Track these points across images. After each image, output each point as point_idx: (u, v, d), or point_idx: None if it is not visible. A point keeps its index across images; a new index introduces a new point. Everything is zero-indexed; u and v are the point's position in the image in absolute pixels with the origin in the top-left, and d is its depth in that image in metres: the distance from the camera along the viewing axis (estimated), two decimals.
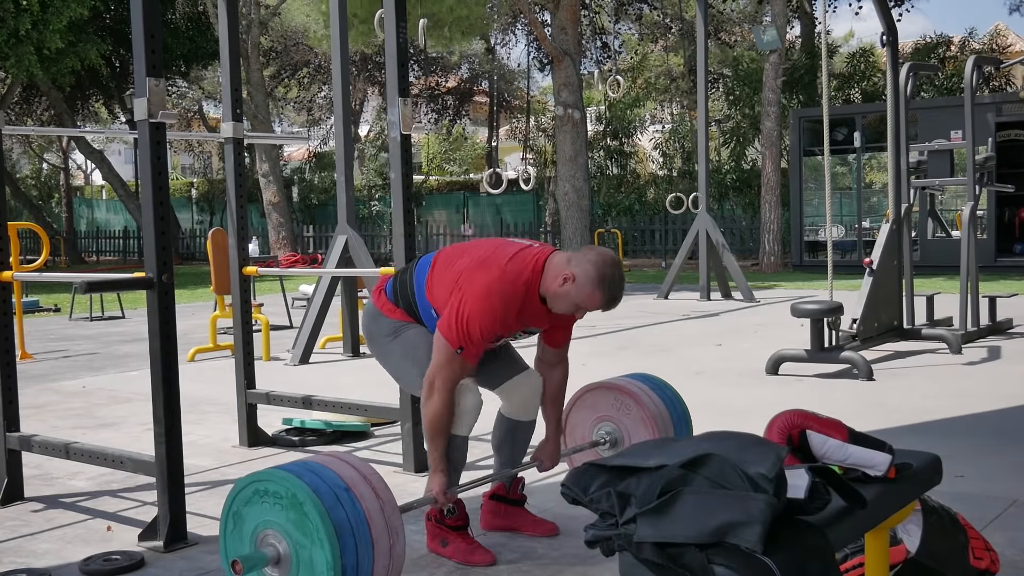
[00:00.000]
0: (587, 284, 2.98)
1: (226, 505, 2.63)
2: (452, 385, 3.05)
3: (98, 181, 39.23)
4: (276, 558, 2.53)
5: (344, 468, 2.60)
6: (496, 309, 3.00)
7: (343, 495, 2.49)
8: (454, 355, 3.01)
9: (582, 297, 3.00)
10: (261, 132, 20.54)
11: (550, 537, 3.37)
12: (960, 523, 2.69)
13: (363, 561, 2.47)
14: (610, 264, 3.01)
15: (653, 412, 3.53)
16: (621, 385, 3.61)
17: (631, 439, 3.54)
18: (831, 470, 2.11)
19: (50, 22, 16.97)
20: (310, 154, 31.10)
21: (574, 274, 2.99)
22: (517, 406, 3.35)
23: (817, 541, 1.92)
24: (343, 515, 2.46)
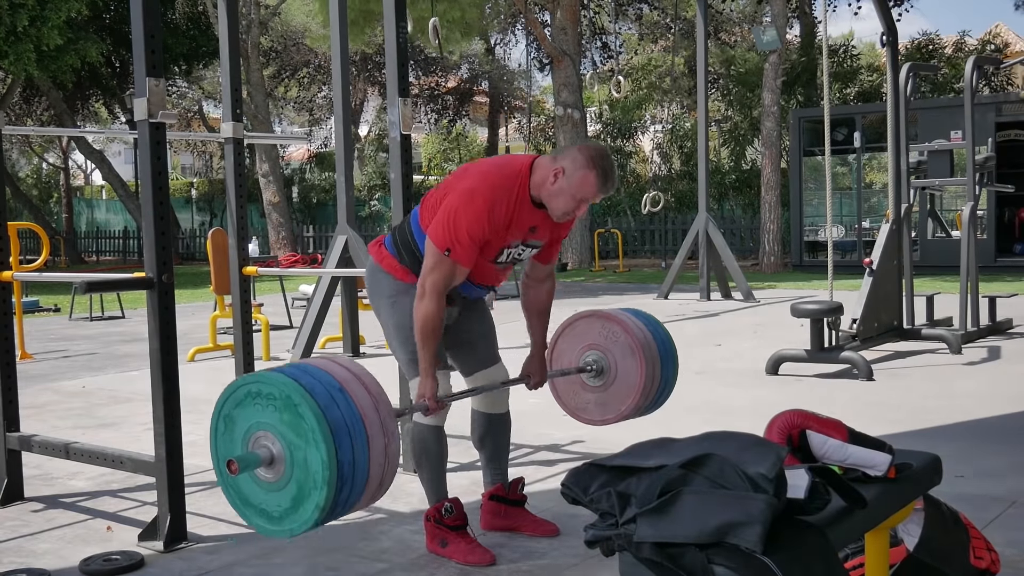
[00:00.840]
0: (577, 169, 3.00)
1: (216, 408, 2.59)
2: (443, 288, 3.04)
3: (98, 181, 39.25)
4: (269, 459, 2.48)
5: (337, 369, 2.57)
6: (483, 206, 2.99)
7: (337, 395, 2.46)
8: (443, 258, 3.00)
9: (576, 184, 3.01)
10: (261, 132, 20.55)
11: (550, 537, 3.37)
12: (962, 522, 2.69)
13: (359, 460, 2.43)
14: (595, 147, 3.06)
15: (640, 340, 3.51)
16: (609, 313, 3.60)
17: (618, 367, 3.53)
18: (831, 470, 2.11)
19: (48, 18, 16.95)
20: (310, 154, 31.11)
21: (562, 166, 3.02)
22: (489, 401, 3.38)
23: (817, 541, 1.92)
24: (338, 414, 2.42)
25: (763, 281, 14.92)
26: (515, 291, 12.34)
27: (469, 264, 3.06)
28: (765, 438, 2.20)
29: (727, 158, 23.94)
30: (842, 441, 2.30)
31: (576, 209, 3.08)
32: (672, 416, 5.35)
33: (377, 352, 8.32)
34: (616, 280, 16.44)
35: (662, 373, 3.54)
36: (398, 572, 3.13)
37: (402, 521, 3.63)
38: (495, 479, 3.45)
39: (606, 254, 21.31)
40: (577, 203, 3.05)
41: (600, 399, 3.59)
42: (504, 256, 3.18)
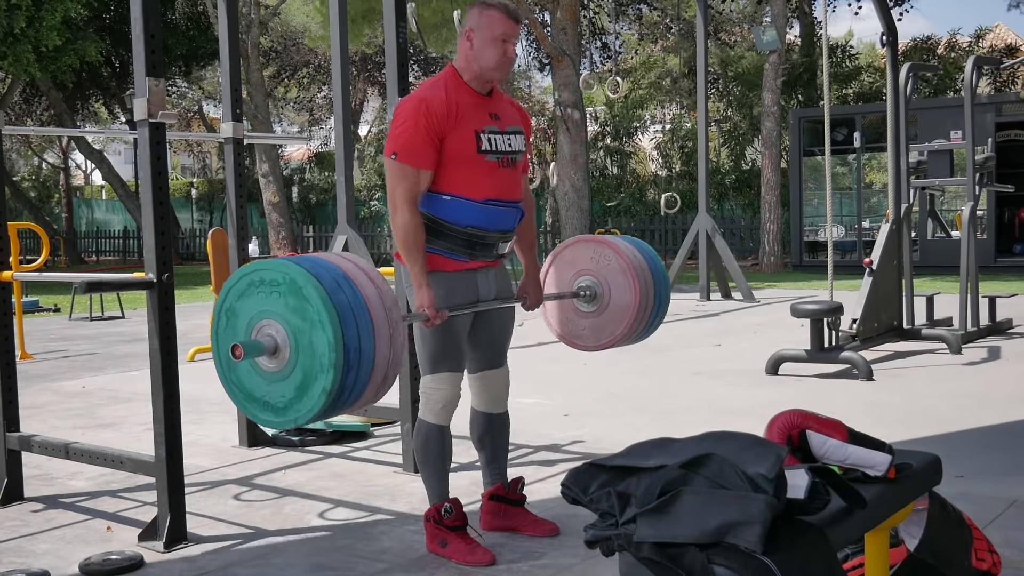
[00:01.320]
0: (479, 17, 3.12)
1: (218, 304, 2.56)
2: (411, 196, 3.06)
3: (98, 181, 39.23)
4: (273, 347, 2.46)
5: (341, 261, 2.56)
6: (416, 104, 3.06)
7: (343, 282, 2.45)
8: (395, 165, 3.05)
9: (487, 27, 3.10)
10: (261, 132, 20.54)
11: (550, 537, 3.37)
12: (966, 523, 2.69)
13: (365, 344, 2.41)
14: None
15: (631, 260, 3.52)
16: (599, 237, 3.62)
17: (611, 289, 3.54)
18: (831, 470, 2.11)
19: (45, 19, 16.94)
20: (310, 154, 31.09)
21: (467, 27, 3.13)
22: (489, 400, 3.39)
23: (817, 541, 1.92)
24: (343, 298, 2.40)
25: (763, 281, 14.92)
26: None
27: (426, 163, 3.07)
28: (765, 438, 2.20)
29: (727, 158, 23.93)
30: (842, 441, 2.30)
31: (505, 52, 3.13)
32: (672, 416, 5.37)
33: None
34: None
35: (655, 292, 3.57)
36: (398, 572, 3.13)
37: (402, 521, 3.63)
38: (495, 479, 3.45)
39: None
40: (502, 45, 3.12)
41: (595, 324, 3.61)
42: (486, 143, 3.16)
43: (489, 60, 3.13)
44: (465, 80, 3.16)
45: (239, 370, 2.49)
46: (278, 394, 2.46)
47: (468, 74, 3.16)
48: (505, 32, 3.11)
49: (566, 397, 6.01)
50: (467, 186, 3.11)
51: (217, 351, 2.56)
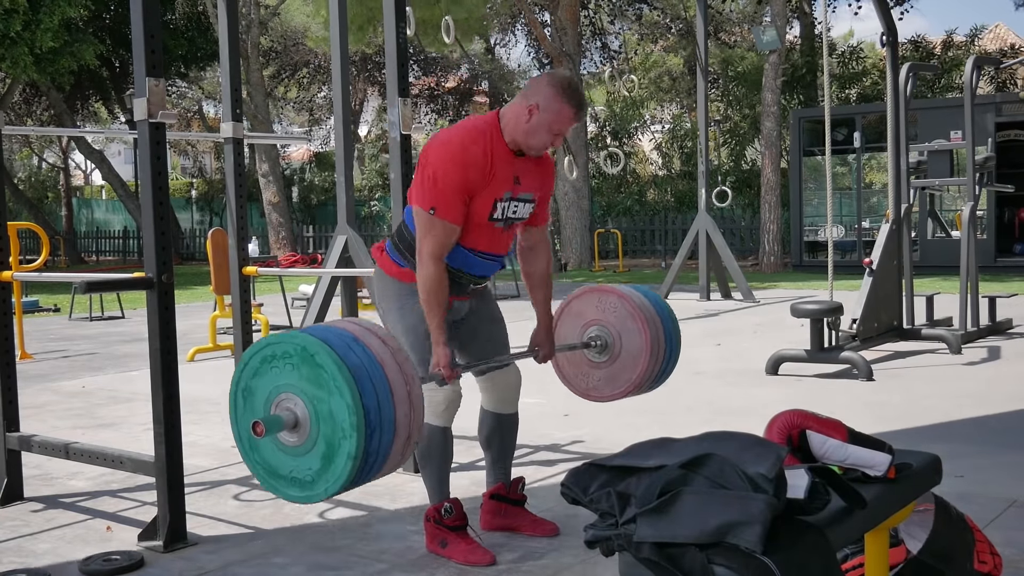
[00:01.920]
0: (552, 103, 3.01)
1: (233, 383, 2.54)
2: (440, 251, 3.01)
3: (98, 181, 39.23)
4: (293, 421, 2.43)
5: (349, 325, 2.55)
6: (456, 158, 2.97)
7: (354, 344, 2.43)
8: (431, 219, 2.98)
9: (552, 118, 3.02)
10: (261, 132, 20.54)
11: (550, 537, 3.37)
12: (969, 525, 2.69)
13: (384, 403, 2.40)
14: (562, 77, 3.07)
15: (638, 303, 3.50)
16: (601, 286, 3.61)
17: (620, 336, 3.52)
18: (831, 470, 2.11)
19: (42, 21, 16.94)
20: (310, 154, 31.09)
21: (536, 103, 3.01)
22: (498, 400, 3.38)
23: (817, 541, 1.92)
24: (357, 360, 2.39)
25: (763, 281, 14.92)
26: (515, 291, 12.33)
27: (458, 220, 3.02)
28: (765, 438, 2.20)
29: (727, 158, 23.94)
30: (842, 441, 2.29)
31: (552, 143, 3.10)
32: (672, 416, 5.36)
33: None
34: (616, 280, 16.44)
35: (665, 334, 3.54)
36: (397, 572, 3.13)
37: (402, 521, 3.63)
38: (498, 479, 3.45)
39: (606, 254, 21.32)
40: (553, 136, 3.07)
41: (609, 373, 3.58)
42: (499, 212, 3.13)
43: (536, 143, 3.08)
44: (504, 138, 3.08)
45: (262, 449, 2.48)
46: (304, 468, 2.44)
47: (510, 136, 3.08)
48: (566, 129, 3.08)
49: (566, 397, 5.98)
50: (463, 237, 3.11)
51: (238, 432, 2.55)
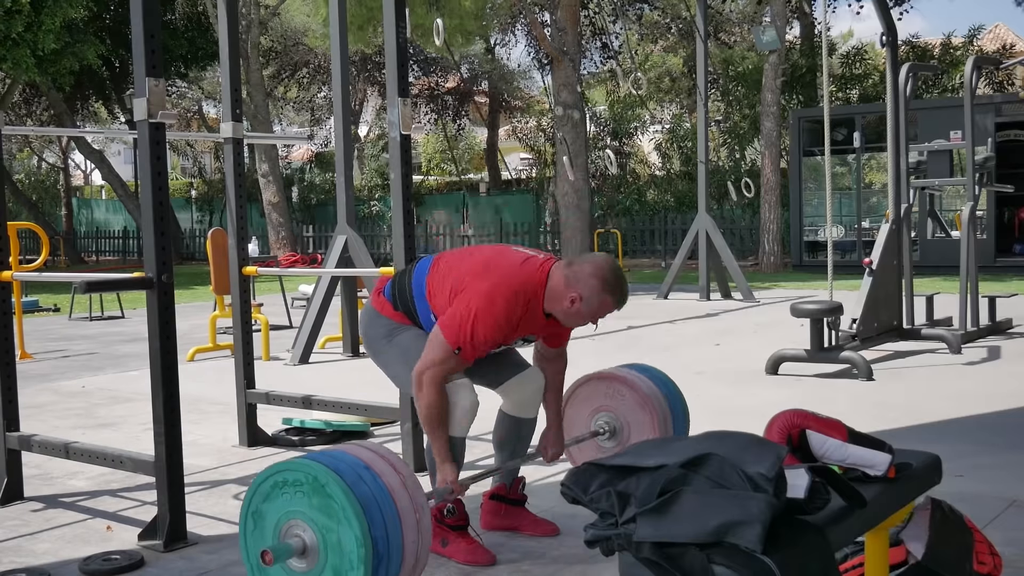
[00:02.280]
0: (595, 296, 3.04)
1: (244, 507, 2.58)
2: (442, 381, 3.04)
3: (98, 181, 39.23)
4: (302, 548, 2.46)
5: (360, 451, 2.57)
6: (500, 315, 3.00)
7: (364, 473, 2.45)
8: (451, 354, 3.00)
9: (594, 309, 3.06)
10: (261, 132, 20.54)
11: (550, 537, 3.37)
12: (967, 526, 2.69)
13: (392, 535, 2.42)
14: (609, 269, 3.07)
15: (647, 393, 3.52)
16: (610, 374, 3.61)
17: (629, 424, 3.54)
18: (831, 470, 2.11)
19: (43, 23, 16.95)
20: (310, 154, 31.08)
21: (580, 294, 3.04)
22: (519, 404, 3.36)
23: (817, 541, 1.92)
24: (367, 490, 2.41)
25: (763, 281, 14.92)
26: None
27: (471, 362, 3.09)
28: (765, 438, 2.20)
29: (727, 159, 23.93)
30: (842, 441, 2.30)
31: (589, 324, 3.15)
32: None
33: None
34: None
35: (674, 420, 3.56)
36: None
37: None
38: (502, 479, 3.45)
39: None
40: (590, 319, 3.11)
41: None
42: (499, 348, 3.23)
43: (573, 324, 3.17)
44: (544, 304, 3.11)
45: (271, 574, 2.50)
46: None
47: (550, 307, 3.10)
48: (603, 316, 3.12)
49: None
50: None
51: (247, 554, 2.59)
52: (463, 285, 3.06)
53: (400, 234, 4.18)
